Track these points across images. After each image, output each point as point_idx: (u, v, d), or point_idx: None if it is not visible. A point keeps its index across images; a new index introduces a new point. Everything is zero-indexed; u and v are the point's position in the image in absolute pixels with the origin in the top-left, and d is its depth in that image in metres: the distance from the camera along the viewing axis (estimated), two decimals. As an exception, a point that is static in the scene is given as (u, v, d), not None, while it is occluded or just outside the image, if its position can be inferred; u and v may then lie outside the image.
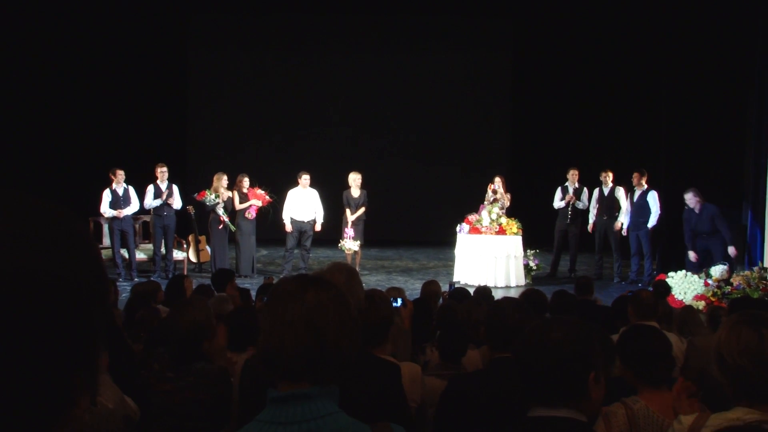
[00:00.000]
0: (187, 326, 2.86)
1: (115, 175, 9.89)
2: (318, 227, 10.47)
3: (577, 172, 10.78)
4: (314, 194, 10.48)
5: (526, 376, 1.72)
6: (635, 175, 10.20)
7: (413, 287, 9.10)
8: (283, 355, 1.37)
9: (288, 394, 1.36)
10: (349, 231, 10.41)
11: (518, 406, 1.84)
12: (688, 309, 5.58)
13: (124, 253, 10.08)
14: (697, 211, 9.32)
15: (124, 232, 9.97)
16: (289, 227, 10.32)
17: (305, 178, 10.43)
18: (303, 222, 10.35)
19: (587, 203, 10.76)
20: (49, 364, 0.62)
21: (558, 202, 10.86)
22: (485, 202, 10.34)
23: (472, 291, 6.55)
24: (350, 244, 10.40)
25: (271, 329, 1.40)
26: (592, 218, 10.71)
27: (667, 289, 7.18)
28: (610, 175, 10.58)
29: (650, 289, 6.79)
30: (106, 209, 9.81)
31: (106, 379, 2.61)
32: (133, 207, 10.02)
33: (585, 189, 10.83)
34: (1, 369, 0.59)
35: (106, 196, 9.84)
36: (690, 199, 9.43)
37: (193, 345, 2.88)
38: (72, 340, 0.64)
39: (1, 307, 0.59)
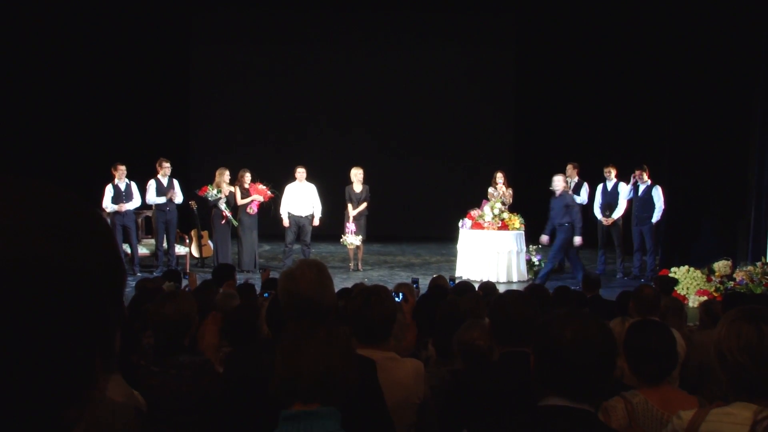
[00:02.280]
0: (172, 316, 2.85)
1: (116, 170, 9.91)
2: (316, 222, 10.44)
3: (575, 166, 10.77)
4: (312, 189, 10.46)
5: (551, 368, 1.67)
6: (638, 171, 10.19)
7: (415, 282, 9.09)
8: (300, 379, 1.68)
9: (299, 413, 1.65)
10: (351, 226, 10.41)
11: (527, 399, 1.83)
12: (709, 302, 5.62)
13: (127, 248, 10.09)
14: (557, 195, 9.45)
15: (126, 227, 9.98)
16: (286, 222, 10.30)
17: (300, 172, 10.40)
18: (301, 217, 10.32)
19: (587, 198, 10.74)
20: (74, 347, 0.64)
21: (556, 199, 10.83)
22: (488, 198, 10.34)
23: (476, 286, 6.53)
24: (352, 239, 10.41)
25: (289, 358, 1.71)
26: (598, 214, 10.49)
27: (672, 283, 7.16)
28: (613, 170, 10.57)
29: (652, 284, 6.79)
30: (108, 204, 9.82)
31: (115, 375, 2.62)
32: (135, 202, 10.04)
33: (585, 183, 10.81)
34: (30, 349, 0.61)
35: (108, 191, 9.85)
36: (558, 182, 9.49)
37: (177, 335, 2.88)
38: (92, 323, 0.66)
39: (23, 292, 0.60)
